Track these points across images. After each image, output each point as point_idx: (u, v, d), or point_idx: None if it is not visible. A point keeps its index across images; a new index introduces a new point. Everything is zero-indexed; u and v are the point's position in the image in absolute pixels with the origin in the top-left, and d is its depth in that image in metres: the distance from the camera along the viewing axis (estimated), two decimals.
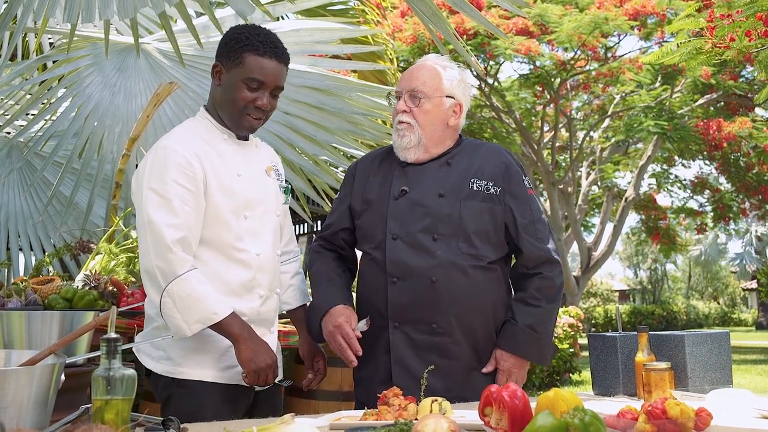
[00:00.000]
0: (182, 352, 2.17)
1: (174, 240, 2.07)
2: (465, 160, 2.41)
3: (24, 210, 6.02)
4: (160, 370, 2.20)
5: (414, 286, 2.28)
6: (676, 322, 27.83)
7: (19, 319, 2.22)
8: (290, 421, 1.52)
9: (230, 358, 2.17)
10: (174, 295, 2.05)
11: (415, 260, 2.29)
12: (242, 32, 2.21)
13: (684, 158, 17.79)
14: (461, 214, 2.32)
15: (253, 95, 2.19)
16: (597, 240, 18.17)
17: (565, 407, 1.53)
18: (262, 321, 2.28)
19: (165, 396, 2.21)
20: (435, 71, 2.42)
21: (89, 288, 3.40)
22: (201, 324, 2.07)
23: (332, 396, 3.60)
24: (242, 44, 2.18)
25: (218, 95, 2.25)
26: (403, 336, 2.30)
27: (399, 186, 2.39)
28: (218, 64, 2.23)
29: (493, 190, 2.36)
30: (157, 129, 5.10)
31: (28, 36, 6.17)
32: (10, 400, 1.41)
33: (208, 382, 2.17)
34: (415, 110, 2.37)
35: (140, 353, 2.25)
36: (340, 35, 5.20)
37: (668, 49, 4.03)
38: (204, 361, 2.18)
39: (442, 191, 2.35)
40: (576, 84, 15.94)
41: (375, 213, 2.40)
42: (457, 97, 2.43)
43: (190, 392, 2.16)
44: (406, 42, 12.99)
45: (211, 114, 2.29)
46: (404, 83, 2.42)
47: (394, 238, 2.32)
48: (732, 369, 2.35)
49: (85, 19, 3.51)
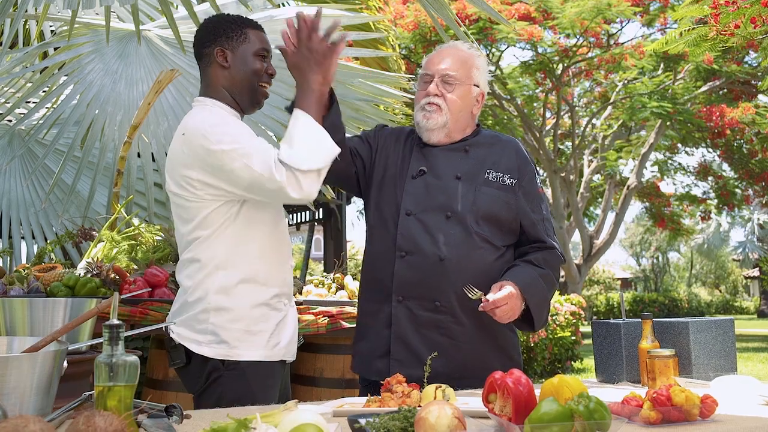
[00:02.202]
0: (238, 335, 2.18)
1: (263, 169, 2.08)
2: (482, 151, 2.44)
3: (26, 198, 6.01)
4: (211, 354, 2.17)
5: (422, 262, 2.30)
6: (678, 310, 27.83)
7: (21, 306, 2.22)
8: (293, 407, 1.52)
9: (277, 335, 2.23)
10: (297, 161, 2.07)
11: (425, 237, 2.31)
12: (233, 17, 2.35)
13: (686, 145, 17.74)
14: (476, 197, 2.34)
15: (264, 64, 2.32)
16: (599, 228, 18.16)
17: (570, 394, 1.52)
18: (290, 294, 2.35)
19: (211, 380, 2.18)
20: (467, 58, 2.44)
21: (91, 275, 3.39)
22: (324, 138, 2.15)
23: (335, 383, 3.61)
24: (238, 23, 2.32)
25: (228, 76, 2.30)
26: (406, 311, 2.31)
27: (417, 166, 2.41)
28: (219, 48, 2.29)
29: (509, 182, 2.39)
30: (159, 116, 5.08)
31: (28, 23, 6.14)
32: (13, 386, 1.41)
33: (258, 361, 2.19)
34: (447, 95, 2.39)
35: (184, 340, 2.21)
36: (342, 22, 5.17)
37: (672, 37, 4.00)
38: (257, 342, 2.20)
39: (459, 174, 2.38)
40: (578, 71, 15.88)
41: (390, 190, 2.42)
42: (482, 87, 2.48)
43: (241, 374, 2.17)
44: (407, 28, 12.94)
45: (220, 100, 2.30)
46: (435, 67, 2.43)
47: (408, 214, 2.35)
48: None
49: (85, 6, 3.48)
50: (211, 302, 2.18)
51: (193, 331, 2.20)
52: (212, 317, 2.17)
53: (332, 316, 3.58)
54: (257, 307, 2.21)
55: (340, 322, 3.56)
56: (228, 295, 2.18)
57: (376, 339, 2.35)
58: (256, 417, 1.39)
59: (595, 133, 17.94)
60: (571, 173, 17.25)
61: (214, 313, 2.18)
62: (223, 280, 2.18)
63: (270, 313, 2.23)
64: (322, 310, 3.62)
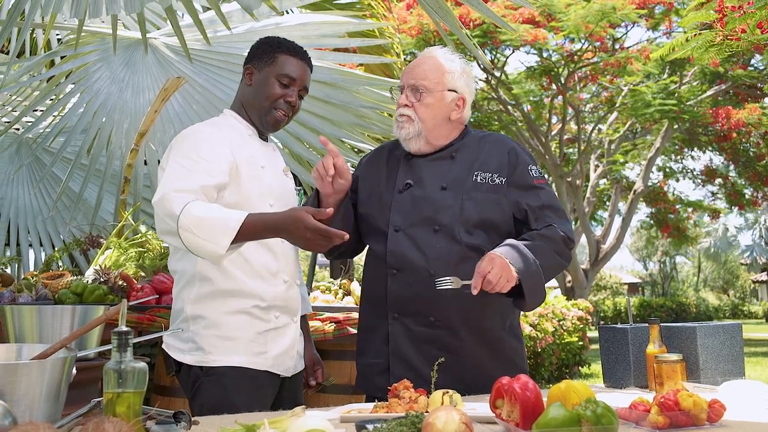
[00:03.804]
0: (213, 341, 2.20)
1: (171, 189, 2.07)
2: (469, 153, 2.39)
3: (33, 206, 6.05)
4: (190, 361, 2.21)
5: (413, 278, 2.27)
6: (686, 314, 27.70)
7: (30, 313, 2.23)
8: (301, 413, 1.52)
9: (260, 344, 2.21)
10: (187, 226, 2.01)
11: (414, 253, 2.28)
12: (273, 39, 2.42)
13: (692, 148, 17.70)
14: (462, 206, 2.29)
15: (283, 91, 2.34)
16: (605, 233, 18.12)
17: (577, 399, 1.52)
18: (287, 308, 2.32)
19: (194, 388, 2.22)
20: (437, 65, 2.39)
21: (99, 283, 3.41)
22: (227, 237, 1.99)
23: (342, 389, 3.61)
24: (275, 46, 2.38)
25: (248, 93, 2.37)
26: (402, 328, 2.29)
27: (404, 179, 2.38)
28: (250, 66, 2.38)
29: (498, 180, 2.33)
30: (165, 124, 5.11)
31: (35, 32, 6.18)
32: (22, 393, 1.42)
33: (237, 367, 2.19)
34: (417, 104, 2.35)
35: (170, 349, 2.27)
36: (346, 29, 5.19)
37: (678, 42, 3.99)
38: (234, 348, 2.20)
39: (444, 184, 2.33)
40: (584, 75, 15.87)
41: (379, 205, 2.39)
42: (460, 91, 2.40)
43: (218, 380, 2.18)
44: (411, 34, 12.97)
45: (239, 113, 2.40)
46: (406, 77, 2.40)
47: (396, 230, 2.32)
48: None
49: (92, 14, 3.50)
50: (188, 312, 2.24)
51: (178, 340, 2.26)
52: (191, 325, 2.23)
53: (339, 322, 3.58)
54: (234, 314, 2.21)
55: (347, 328, 3.56)
56: (202, 304, 2.22)
57: (375, 356, 2.34)
58: (264, 423, 1.39)
59: (601, 138, 17.91)
60: (577, 178, 17.23)
61: (192, 321, 2.23)
62: (198, 290, 2.23)
63: (251, 321, 2.23)
64: (329, 316, 3.63)
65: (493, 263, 2.09)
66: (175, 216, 2.03)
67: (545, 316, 9.98)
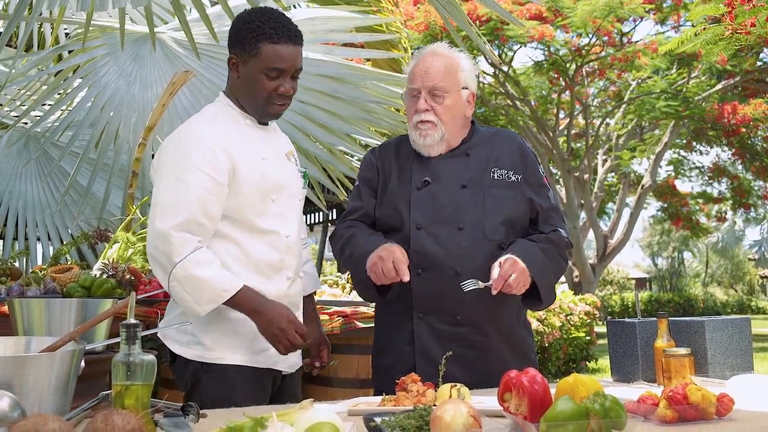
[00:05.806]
0: (214, 336, 2.16)
1: (173, 225, 2.05)
2: (483, 150, 2.39)
3: (41, 200, 6.07)
4: (189, 355, 2.17)
5: (439, 277, 2.26)
6: (694, 309, 27.63)
7: (38, 306, 2.24)
8: (309, 406, 1.52)
9: (263, 341, 2.14)
10: (180, 279, 2.04)
11: (440, 251, 2.27)
12: (252, 20, 2.17)
13: (699, 142, 17.63)
14: (485, 203, 2.30)
15: (274, 84, 2.17)
16: (613, 228, 18.07)
17: (585, 392, 1.52)
18: (289, 304, 2.26)
19: (192, 382, 2.19)
20: (449, 64, 2.36)
21: (107, 276, 3.42)
22: (213, 303, 2.06)
23: (349, 383, 3.61)
24: (255, 33, 2.15)
25: (239, 86, 2.23)
26: (428, 326, 2.28)
27: (420, 176, 2.36)
28: (233, 56, 2.21)
29: (515, 178, 2.36)
30: (173, 118, 5.11)
31: (43, 26, 6.19)
32: (31, 386, 1.42)
33: (239, 365, 2.16)
34: (438, 108, 2.32)
35: (167, 339, 2.22)
36: (354, 24, 5.18)
37: (687, 36, 3.97)
38: (236, 345, 2.17)
39: (464, 182, 2.33)
40: (591, 70, 15.81)
41: (393, 203, 2.38)
42: (471, 87, 2.40)
43: (220, 377, 2.15)
44: (418, 30, 12.93)
45: (232, 100, 2.27)
46: (420, 80, 2.34)
47: (418, 228, 2.30)
48: None
49: (99, 8, 3.51)
50: None
51: (178, 332, 2.21)
52: (191, 319, 2.17)
53: (346, 316, 3.58)
54: (236, 311, 2.14)
55: (354, 322, 3.56)
56: None
57: (399, 355, 2.32)
58: (272, 416, 1.39)
59: (609, 132, 17.85)
60: (585, 173, 17.18)
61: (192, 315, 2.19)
62: None
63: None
64: (337, 310, 3.63)
65: (514, 268, 2.16)
66: (173, 262, 2.04)
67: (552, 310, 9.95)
